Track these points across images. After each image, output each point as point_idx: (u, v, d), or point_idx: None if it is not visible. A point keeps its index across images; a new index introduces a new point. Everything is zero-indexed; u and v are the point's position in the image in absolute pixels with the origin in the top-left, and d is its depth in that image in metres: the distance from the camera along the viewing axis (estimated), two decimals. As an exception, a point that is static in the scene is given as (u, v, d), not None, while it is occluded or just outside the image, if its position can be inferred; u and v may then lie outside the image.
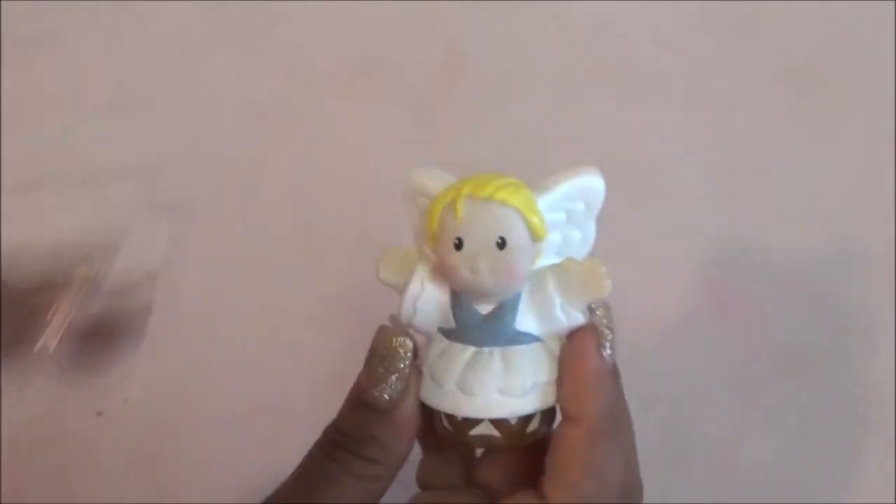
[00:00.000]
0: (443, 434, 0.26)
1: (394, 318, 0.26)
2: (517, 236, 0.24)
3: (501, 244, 0.23)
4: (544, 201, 0.25)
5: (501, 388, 0.24)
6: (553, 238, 0.26)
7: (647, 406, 0.43)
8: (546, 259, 0.25)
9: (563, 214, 0.26)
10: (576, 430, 0.24)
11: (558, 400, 0.25)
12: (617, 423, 0.24)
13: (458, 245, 0.23)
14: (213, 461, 0.43)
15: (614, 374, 0.25)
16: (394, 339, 0.25)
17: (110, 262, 0.49)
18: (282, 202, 0.50)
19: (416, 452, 0.29)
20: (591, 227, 0.27)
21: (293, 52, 0.56)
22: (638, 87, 0.52)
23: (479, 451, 0.28)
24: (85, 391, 0.44)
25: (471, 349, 0.25)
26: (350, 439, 0.25)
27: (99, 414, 0.45)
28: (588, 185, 0.25)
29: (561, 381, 0.24)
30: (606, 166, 0.25)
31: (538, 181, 0.25)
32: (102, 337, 0.46)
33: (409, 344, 0.25)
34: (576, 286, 0.24)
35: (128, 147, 0.53)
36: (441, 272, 0.24)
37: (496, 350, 0.24)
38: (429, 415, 0.26)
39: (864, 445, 0.41)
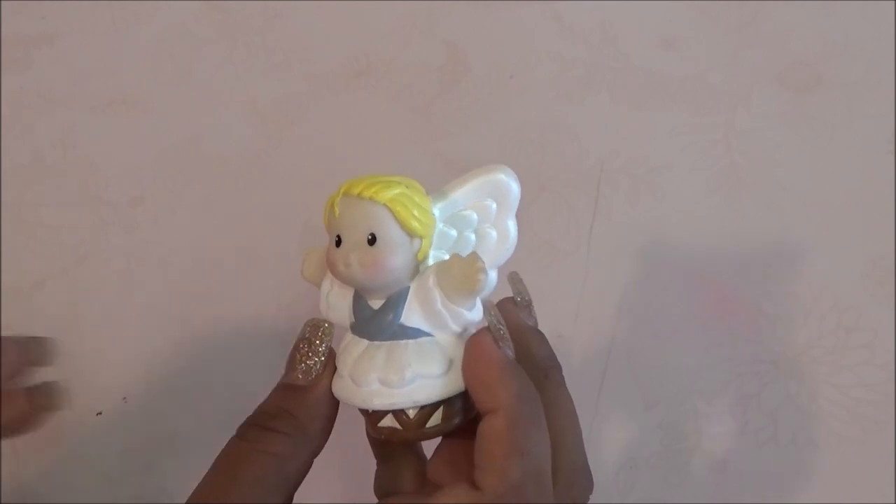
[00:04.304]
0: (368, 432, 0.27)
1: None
2: (385, 232, 0.24)
3: (372, 240, 0.24)
4: (449, 199, 0.25)
5: (382, 379, 0.25)
6: (467, 236, 0.26)
7: (648, 406, 0.43)
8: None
9: (473, 213, 0.26)
10: (495, 419, 0.24)
11: (475, 403, 0.25)
12: (532, 406, 0.25)
13: (338, 242, 0.25)
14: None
15: (517, 365, 0.25)
16: (315, 325, 0.27)
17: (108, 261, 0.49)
18: (282, 202, 0.50)
19: (372, 464, 0.30)
20: (510, 227, 0.27)
21: (293, 52, 0.56)
22: (638, 87, 0.52)
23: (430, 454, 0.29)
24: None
25: (365, 342, 0.26)
26: (264, 415, 0.26)
27: (99, 414, 0.45)
28: (496, 184, 0.26)
29: (469, 385, 0.25)
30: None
31: (451, 181, 0.26)
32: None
33: (329, 328, 0.26)
34: (455, 281, 0.25)
35: (128, 147, 0.53)
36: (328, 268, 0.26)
37: (385, 343, 0.25)
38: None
39: (864, 445, 0.41)
